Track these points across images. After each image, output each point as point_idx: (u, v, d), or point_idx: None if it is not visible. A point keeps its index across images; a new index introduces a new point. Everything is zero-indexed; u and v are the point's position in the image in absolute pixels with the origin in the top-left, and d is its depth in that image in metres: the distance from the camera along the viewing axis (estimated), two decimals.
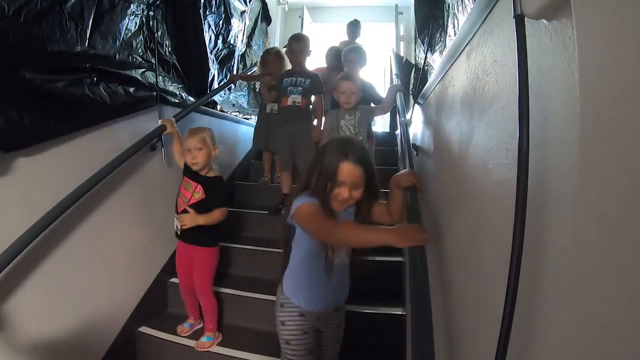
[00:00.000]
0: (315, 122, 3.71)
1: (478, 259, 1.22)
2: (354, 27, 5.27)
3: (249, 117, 5.00)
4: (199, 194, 2.53)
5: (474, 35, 1.43)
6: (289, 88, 3.58)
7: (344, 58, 3.81)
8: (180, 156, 2.71)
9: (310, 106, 3.71)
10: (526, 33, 0.86)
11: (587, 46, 0.67)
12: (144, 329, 2.70)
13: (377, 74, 7.09)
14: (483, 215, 1.21)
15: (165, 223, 2.86)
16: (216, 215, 2.53)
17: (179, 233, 2.57)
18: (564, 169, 0.73)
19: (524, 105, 0.80)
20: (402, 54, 5.96)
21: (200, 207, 2.51)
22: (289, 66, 3.93)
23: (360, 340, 2.52)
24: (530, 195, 0.79)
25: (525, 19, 0.86)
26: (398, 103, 3.16)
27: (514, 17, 0.87)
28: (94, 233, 2.27)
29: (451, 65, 1.83)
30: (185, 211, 2.50)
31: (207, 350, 2.50)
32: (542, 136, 0.82)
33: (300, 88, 3.58)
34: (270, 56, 4.14)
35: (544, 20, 0.84)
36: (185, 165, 2.60)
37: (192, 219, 2.46)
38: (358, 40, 5.20)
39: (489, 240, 1.13)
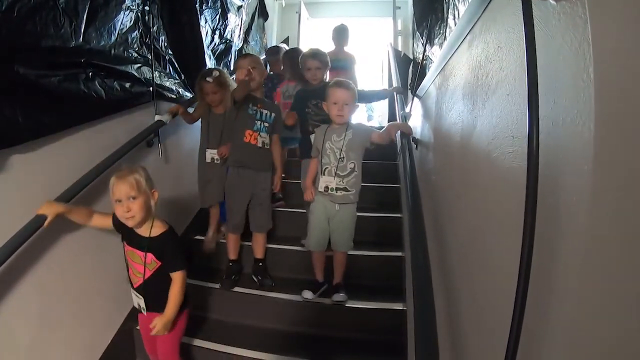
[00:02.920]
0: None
1: (484, 251, 1.20)
2: (340, 33, 4.69)
3: None
4: (152, 264, 1.98)
5: (475, 23, 1.41)
6: (257, 122, 2.89)
7: (302, 65, 3.13)
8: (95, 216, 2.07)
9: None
10: (533, 14, 0.83)
11: (601, 25, 0.65)
12: None
13: (375, 68, 7.08)
14: (488, 205, 1.19)
15: None
16: (177, 288, 1.98)
17: (143, 312, 2.09)
18: (577, 154, 0.70)
19: (533, 89, 0.78)
20: (400, 49, 5.93)
21: (159, 281, 1.99)
22: (233, 85, 3.08)
23: (360, 336, 2.53)
24: (541, 183, 0.76)
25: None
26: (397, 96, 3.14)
27: None
28: (87, 232, 2.23)
29: (452, 55, 1.81)
30: (144, 285, 2.00)
31: None
32: (552, 120, 0.79)
33: (267, 124, 2.93)
34: (208, 86, 3.04)
35: (551, 1, 0.81)
36: (117, 222, 2.01)
37: (164, 326, 1.94)
38: (347, 49, 4.74)
39: (496, 231, 1.11)
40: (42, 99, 1.90)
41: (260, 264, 3.00)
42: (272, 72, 4.64)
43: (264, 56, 4.86)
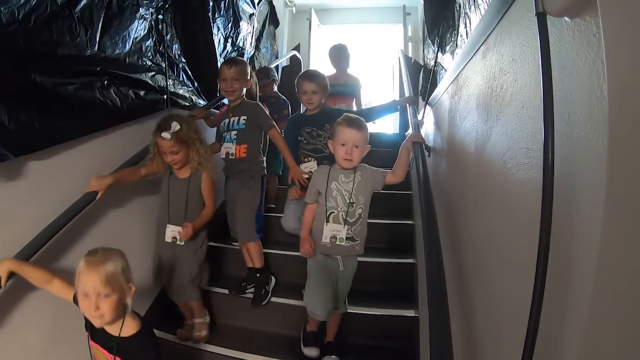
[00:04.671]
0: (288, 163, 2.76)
1: (499, 259, 1.20)
2: (338, 53, 4.29)
3: None
4: None
5: (490, 34, 1.41)
6: (225, 134, 2.82)
7: (298, 88, 2.87)
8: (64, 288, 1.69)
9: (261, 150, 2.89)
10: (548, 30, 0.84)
11: (614, 44, 0.66)
12: None
13: (386, 75, 7.09)
14: (504, 215, 1.19)
15: None
16: None
17: None
18: (591, 168, 0.72)
19: (548, 104, 0.79)
20: (410, 55, 5.93)
21: None
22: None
23: (372, 342, 2.53)
24: (556, 193, 0.77)
25: (547, 16, 0.85)
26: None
27: (535, 14, 0.86)
28: (103, 236, 2.26)
29: (465, 65, 1.81)
30: None
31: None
32: (567, 134, 0.81)
33: (235, 132, 2.77)
34: (165, 144, 2.34)
35: (566, 18, 0.83)
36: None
37: None
38: (350, 71, 4.39)
39: (511, 241, 1.11)
40: (58, 106, 1.92)
41: (258, 274, 2.80)
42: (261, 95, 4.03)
43: (273, 65, 4.78)
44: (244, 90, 2.82)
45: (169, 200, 2.49)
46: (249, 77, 2.82)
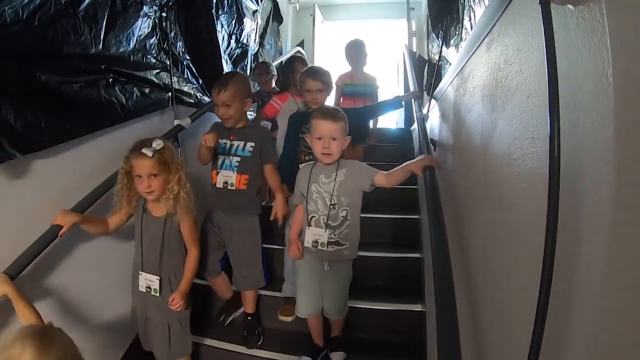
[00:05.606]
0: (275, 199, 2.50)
1: (505, 252, 1.20)
2: (356, 50, 4.01)
3: None
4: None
5: (494, 25, 1.41)
6: (222, 158, 2.42)
7: (301, 86, 2.70)
8: None
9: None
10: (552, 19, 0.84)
11: (619, 31, 0.66)
12: None
13: (390, 70, 7.07)
14: (510, 205, 1.19)
15: None
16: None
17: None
18: (597, 155, 0.71)
19: (553, 92, 0.78)
20: (414, 50, 5.91)
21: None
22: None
23: (379, 337, 2.53)
24: (562, 183, 0.77)
25: (551, 4, 0.84)
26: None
27: (539, 3, 0.85)
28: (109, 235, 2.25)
29: (470, 57, 1.81)
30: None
31: None
32: (573, 122, 0.80)
33: (237, 159, 2.39)
34: (144, 164, 1.97)
35: (569, 6, 0.83)
36: None
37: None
38: (367, 69, 4.14)
39: (517, 232, 1.11)
40: (63, 105, 1.93)
41: (250, 317, 2.59)
42: (260, 89, 4.11)
43: (276, 62, 4.72)
44: (245, 113, 2.46)
45: (142, 242, 2.08)
46: (247, 98, 2.42)
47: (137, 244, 2.10)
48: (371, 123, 4.31)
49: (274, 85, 4.06)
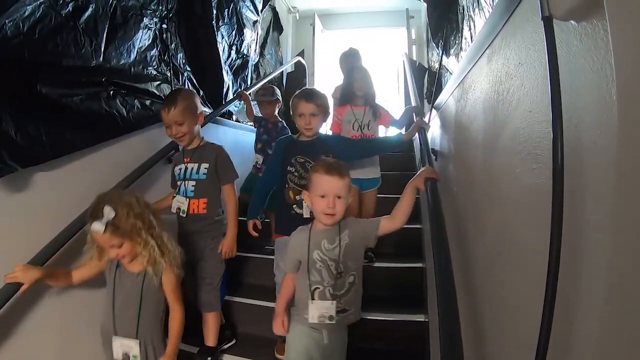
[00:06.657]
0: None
1: (509, 266, 1.19)
2: (351, 59, 3.80)
3: None
4: None
5: (495, 37, 1.40)
6: (178, 183, 2.32)
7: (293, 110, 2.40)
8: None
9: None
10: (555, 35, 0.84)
11: (623, 48, 0.65)
12: None
13: (390, 79, 7.08)
14: (512, 220, 1.18)
15: None
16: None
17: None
18: (599, 175, 0.71)
19: (557, 110, 0.78)
20: (414, 58, 5.92)
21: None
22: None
23: (382, 347, 2.51)
24: (566, 198, 0.76)
25: (553, 20, 0.84)
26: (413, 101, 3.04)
27: (542, 19, 0.85)
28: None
29: (471, 69, 1.80)
30: None
31: None
32: (576, 138, 0.80)
33: (192, 183, 2.27)
34: (101, 238, 1.72)
35: (572, 22, 0.82)
36: None
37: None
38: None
39: (521, 246, 1.10)
40: (64, 117, 1.94)
41: (210, 357, 2.32)
42: (260, 115, 3.81)
43: (278, 72, 4.69)
44: (198, 129, 2.31)
45: (114, 302, 1.80)
46: (198, 111, 2.28)
47: (108, 304, 1.81)
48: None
49: (276, 112, 3.74)
